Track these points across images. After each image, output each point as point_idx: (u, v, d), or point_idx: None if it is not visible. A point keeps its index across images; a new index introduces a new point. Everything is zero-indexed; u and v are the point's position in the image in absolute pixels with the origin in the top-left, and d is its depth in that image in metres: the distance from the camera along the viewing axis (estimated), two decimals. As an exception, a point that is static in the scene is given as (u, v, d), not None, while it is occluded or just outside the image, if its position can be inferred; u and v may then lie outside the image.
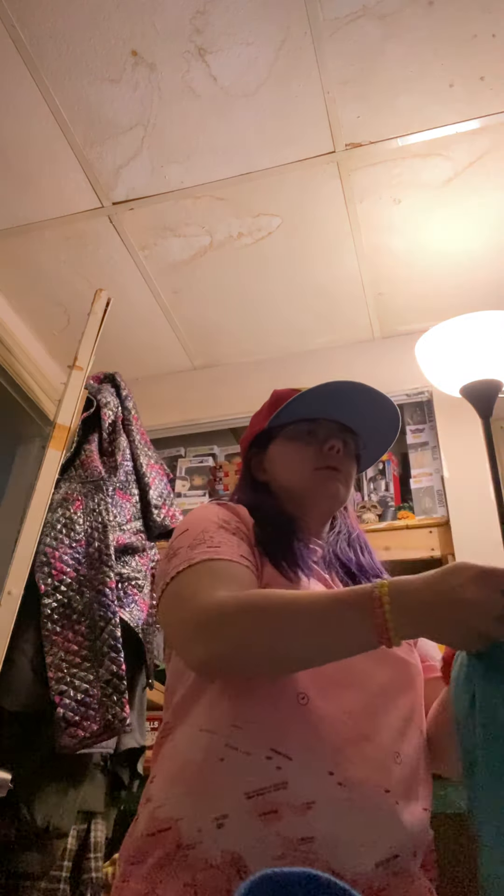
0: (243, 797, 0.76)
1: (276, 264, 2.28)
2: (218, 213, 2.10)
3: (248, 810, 0.75)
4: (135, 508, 1.85)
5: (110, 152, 1.92)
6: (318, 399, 1.09)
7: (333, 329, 2.53)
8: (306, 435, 1.10)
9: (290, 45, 1.65)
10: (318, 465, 1.07)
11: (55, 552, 1.58)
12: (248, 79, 1.73)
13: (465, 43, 1.64)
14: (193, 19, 1.62)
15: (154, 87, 1.76)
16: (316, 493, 1.07)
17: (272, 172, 1.96)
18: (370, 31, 1.62)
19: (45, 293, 2.41)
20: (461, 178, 1.96)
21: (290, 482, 1.09)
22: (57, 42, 1.67)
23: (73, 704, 1.40)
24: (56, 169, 1.97)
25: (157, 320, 2.52)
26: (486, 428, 1.85)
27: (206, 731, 0.82)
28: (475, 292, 2.30)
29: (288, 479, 1.09)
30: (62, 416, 1.76)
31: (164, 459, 2.49)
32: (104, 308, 2.00)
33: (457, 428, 2.27)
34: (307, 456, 1.08)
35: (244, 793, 0.76)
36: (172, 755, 0.84)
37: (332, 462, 1.07)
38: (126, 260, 2.27)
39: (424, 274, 2.28)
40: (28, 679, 1.43)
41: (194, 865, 0.73)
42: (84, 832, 1.51)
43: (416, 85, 1.73)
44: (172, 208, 2.09)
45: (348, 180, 1.98)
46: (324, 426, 1.11)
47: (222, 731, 0.81)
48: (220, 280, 2.34)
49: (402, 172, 1.96)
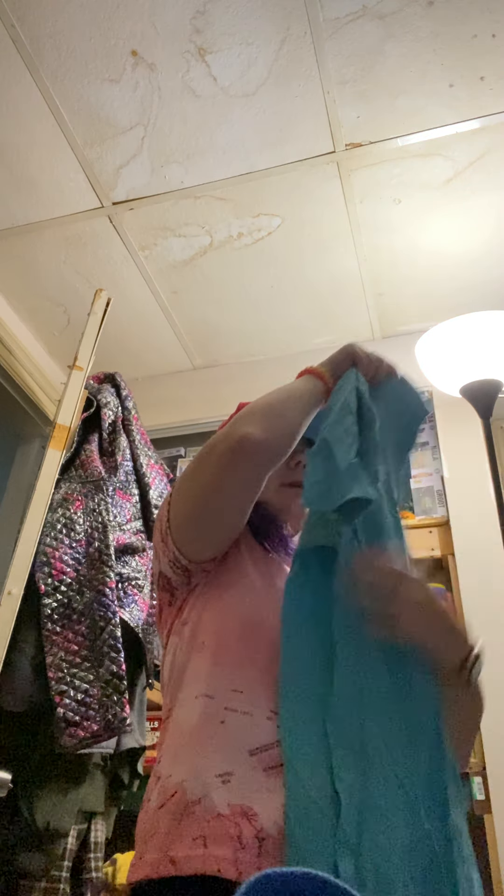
0: (247, 754, 0.78)
1: (276, 264, 2.28)
2: (218, 213, 2.10)
3: (253, 765, 0.77)
4: (135, 508, 1.85)
5: (110, 152, 1.92)
6: None
7: (333, 329, 2.53)
8: None
9: (290, 45, 1.65)
10: (283, 482, 1.10)
11: (55, 552, 1.58)
12: (248, 79, 1.73)
13: (465, 43, 1.64)
14: (193, 19, 1.62)
15: (154, 87, 1.76)
16: (283, 511, 1.11)
17: (272, 172, 1.96)
18: (370, 31, 1.62)
19: (45, 293, 2.41)
20: (461, 178, 1.96)
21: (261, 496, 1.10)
22: (57, 42, 1.67)
23: (73, 704, 1.40)
24: (56, 169, 1.97)
25: (157, 320, 2.52)
26: (486, 428, 1.85)
27: (203, 697, 0.85)
28: (475, 292, 2.30)
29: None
30: (62, 416, 1.76)
31: (164, 459, 2.49)
32: (104, 308, 2.00)
33: (457, 428, 2.27)
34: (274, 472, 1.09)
35: (248, 750, 0.78)
36: (174, 730, 0.86)
37: (297, 478, 1.09)
38: (126, 260, 2.27)
39: (424, 274, 2.28)
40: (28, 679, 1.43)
41: (202, 818, 0.74)
42: (84, 832, 1.51)
43: (416, 85, 1.73)
44: (172, 208, 2.09)
45: (348, 180, 1.98)
46: None
47: (221, 695, 0.84)
48: (220, 280, 2.34)
49: (402, 172, 1.96)
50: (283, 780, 0.76)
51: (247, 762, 0.77)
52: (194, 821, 0.74)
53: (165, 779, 0.81)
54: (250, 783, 0.76)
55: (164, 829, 0.76)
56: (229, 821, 0.73)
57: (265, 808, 0.74)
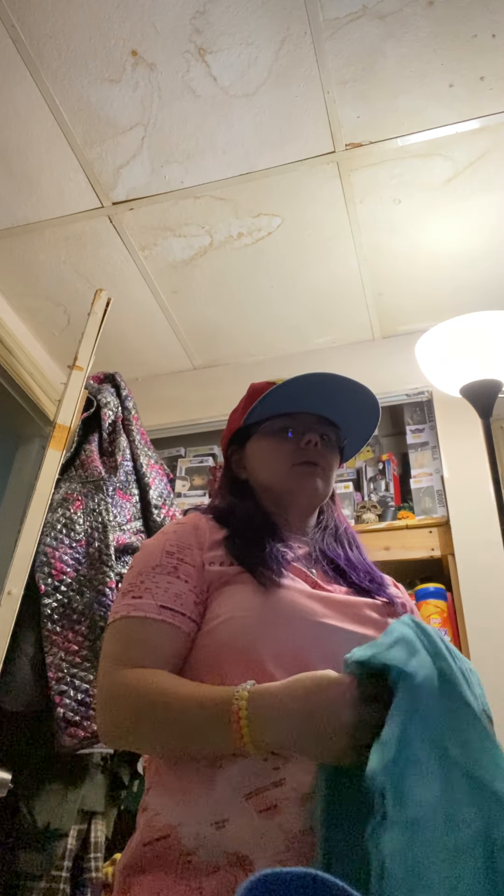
0: (243, 799, 0.75)
1: (276, 264, 2.28)
2: (218, 213, 2.10)
3: (248, 810, 0.74)
4: (135, 508, 1.85)
5: (110, 152, 1.92)
6: (294, 392, 1.07)
7: (333, 329, 2.53)
8: (283, 430, 1.08)
9: (289, 45, 1.66)
10: (295, 461, 1.05)
11: (55, 552, 1.58)
12: (248, 79, 1.73)
13: (465, 43, 1.64)
14: (193, 19, 1.62)
15: (154, 87, 1.76)
16: (294, 491, 1.05)
17: (272, 172, 1.96)
18: (370, 31, 1.62)
19: (45, 293, 2.41)
20: (461, 178, 1.96)
21: (269, 480, 1.07)
22: (57, 42, 1.67)
23: (73, 704, 1.40)
24: (56, 169, 1.97)
25: (157, 320, 2.52)
26: (486, 428, 1.85)
27: None
28: (475, 292, 2.30)
29: (266, 477, 1.08)
30: (62, 416, 1.76)
31: (164, 459, 2.49)
32: (104, 308, 2.00)
33: (457, 428, 2.27)
34: (284, 452, 1.06)
35: (243, 795, 0.75)
36: (167, 764, 0.84)
37: (310, 457, 1.05)
38: (126, 260, 2.27)
39: (424, 274, 2.28)
40: (28, 679, 1.43)
41: (199, 870, 0.72)
42: (84, 832, 1.51)
43: (416, 85, 1.73)
44: (172, 208, 2.09)
45: (348, 180, 1.98)
46: (301, 420, 1.08)
47: None
48: (220, 280, 2.34)
49: (402, 172, 1.96)
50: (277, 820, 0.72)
51: (242, 808, 0.73)
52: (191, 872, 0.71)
53: (154, 816, 0.79)
54: (245, 828, 0.72)
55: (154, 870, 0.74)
56: (227, 873, 0.70)
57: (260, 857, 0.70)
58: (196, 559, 0.95)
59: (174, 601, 0.89)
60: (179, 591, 0.91)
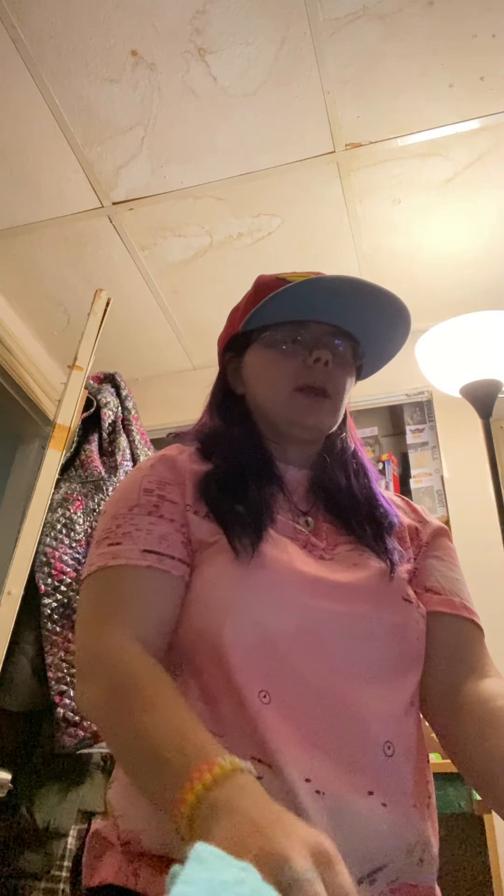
0: None
1: (276, 264, 2.27)
2: (218, 213, 2.10)
3: None
4: (135, 508, 1.85)
5: (110, 152, 1.92)
6: (306, 296, 0.86)
7: (333, 329, 2.53)
8: (289, 342, 0.88)
9: (289, 45, 1.65)
10: (298, 384, 0.85)
11: (55, 552, 1.58)
12: (248, 79, 1.73)
13: (465, 43, 1.64)
14: (193, 19, 1.62)
15: (154, 87, 1.76)
16: (293, 421, 0.87)
17: (272, 172, 1.96)
18: (370, 31, 1.62)
19: (45, 293, 2.41)
20: (461, 178, 1.96)
21: (265, 401, 0.89)
22: (57, 42, 1.67)
23: (73, 704, 1.40)
24: (56, 169, 1.97)
25: (157, 320, 2.52)
26: (486, 428, 1.85)
27: None
28: (475, 292, 2.30)
29: (263, 398, 0.90)
30: (62, 416, 1.76)
31: (164, 459, 2.48)
32: (104, 308, 2.00)
33: (457, 428, 2.27)
34: (287, 370, 0.86)
35: None
36: None
37: (317, 380, 0.85)
38: (126, 260, 2.27)
39: (424, 274, 2.28)
40: (28, 679, 1.43)
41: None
42: (84, 832, 1.51)
43: (416, 85, 1.73)
44: (172, 208, 2.09)
45: (348, 180, 1.98)
46: (312, 330, 0.88)
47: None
48: (220, 280, 2.34)
49: (402, 172, 1.96)
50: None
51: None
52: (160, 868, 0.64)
53: (118, 817, 0.70)
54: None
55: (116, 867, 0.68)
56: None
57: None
58: (177, 498, 0.80)
59: (159, 543, 0.75)
60: (164, 532, 0.76)
